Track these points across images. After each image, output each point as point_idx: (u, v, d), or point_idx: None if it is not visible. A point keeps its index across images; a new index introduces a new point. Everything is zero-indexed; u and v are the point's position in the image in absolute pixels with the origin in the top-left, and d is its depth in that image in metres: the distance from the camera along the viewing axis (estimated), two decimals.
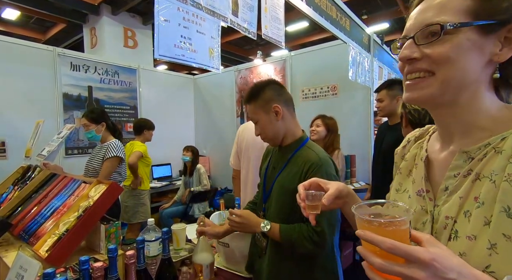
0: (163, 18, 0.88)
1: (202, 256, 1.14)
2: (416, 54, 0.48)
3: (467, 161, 0.48)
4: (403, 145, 0.68)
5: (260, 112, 1.08)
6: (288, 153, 1.10)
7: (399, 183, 0.63)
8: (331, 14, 1.88)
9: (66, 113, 2.93)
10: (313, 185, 0.65)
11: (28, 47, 2.78)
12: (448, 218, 0.47)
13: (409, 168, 0.62)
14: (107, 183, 1.25)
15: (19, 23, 7.12)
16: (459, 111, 0.49)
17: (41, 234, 1.18)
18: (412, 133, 0.68)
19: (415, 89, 0.49)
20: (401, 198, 0.61)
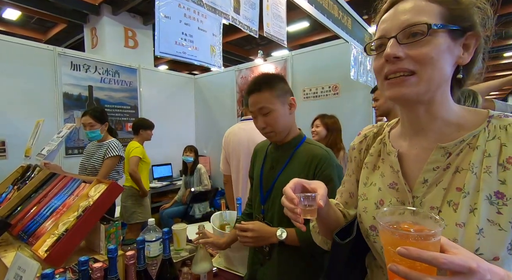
0: (163, 14, 0.87)
1: (201, 266, 1.13)
2: (401, 54, 0.50)
3: (444, 155, 0.52)
4: (359, 141, 0.71)
5: (276, 102, 0.99)
6: (289, 150, 1.06)
7: (366, 177, 0.65)
8: (333, 13, 1.87)
9: (66, 113, 2.92)
10: (297, 186, 0.62)
11: (29, 46, 2.77)
12: (434, 208, 0.51)
13: (373, 163, 0.65)
14: (107, 183, 1.24)
15: (20, 23, 7.12)
16: (435, 108, 0.53)
17: (40, 234, 1.16)
18: (367, 129, 0.71)
19: (402, 86, 0.51)
20: (369, 191, 0.63)
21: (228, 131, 1.84)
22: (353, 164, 0.72)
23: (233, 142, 1.76)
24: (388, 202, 0.58)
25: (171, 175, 4.10)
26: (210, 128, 4.27)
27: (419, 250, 0.37)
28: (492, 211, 0.46)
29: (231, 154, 1.78)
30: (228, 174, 1.87)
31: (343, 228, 0.65)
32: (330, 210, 0.66)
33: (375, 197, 0.61)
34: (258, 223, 1.06)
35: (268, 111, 1.00)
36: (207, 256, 1.18)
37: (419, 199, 0.54)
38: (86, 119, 2.15)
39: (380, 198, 0.60)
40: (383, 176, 0.61)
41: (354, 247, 0.63)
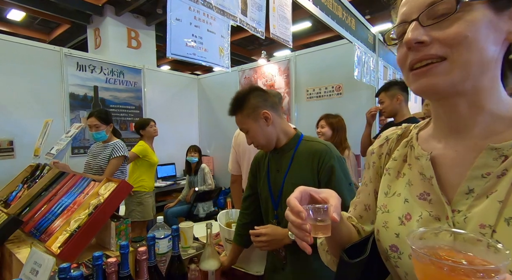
0: (175, 17, 0.89)
1: (209, 263, 1.16)
2: (425, 38, 0.41)
3: (498, 159, 0.41)
4: (379, 144, 0.61)
5: (249, 121, 1.06)
6: (289, 151, 1.09)
7: (387, 186, 0.55)
8: (337, 14, 1.89)
9: (72, 113, 2.95)
10: (304, 196, 0.51)
11: (35, 47, 2.80)
12: (484, 227, 0.39)
13: (397, 169, 0.54)
14: (116, 181, 1.27)
15: (24, 24, 7.19)
16: (481, 99, 0.43)
17: (52, 231, 1.19)
18: (389, 131, 0.60)
19: (429, 75, 0.42)
20: (392, 203, 0.52)
21: (238, 131, 1.85)
22: (371, 171, 0.61)
23: (244, 142, 1.77)
24: (417, 216, 0.46)
25: (175, 175, 4.13)
26: (213, 128, 4.30)
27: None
28: None
29: (241, 154, 1.79)
30: (236, 174, 1.88)
31: (354, 245, 0.55)
32: (342, 224, 0.55)
33: (400, 210, 0.50)
34: (271, 226, 1.08)
35: (246, 130, 1.08)
36: (215, 254, 1.21)
37: (462, 214, 0.42)
38: (92, 120, 2.20)
39: (407, 212, 0.48)
40: (411, 185, 0.50)
41: (367, 270, 0.52)
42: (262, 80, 3.61)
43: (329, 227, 0.46)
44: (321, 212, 0.46)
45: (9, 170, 2.29)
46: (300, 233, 0.46)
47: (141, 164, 2.74)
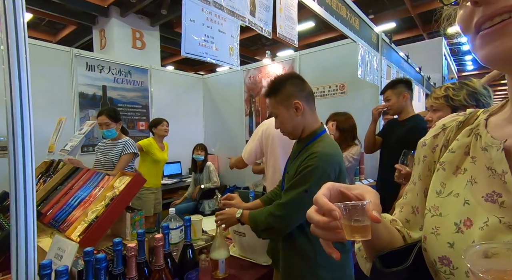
0: (189, 18, 0.95)
1: (219, 252, 1.22)
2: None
3: None
4: (433, 134, 0.50)
5: (280, 108, 1.09)
6: (302, 145, 1.14)
7: (441, 183, 0.45)
8: (342, 14, 1.93)
9: (82, 112, 3.03)
10: (333, 192, 0.42)
11: (46, 48, 2.89)
12: None
13: (455, 163, 0.44)
14: (131, 175, 1.33)
15: (31, 25, 7.32)
16: None
17: (70, 222, 1.26)
18: (447, 119, 0.50)
19: (505, 36, 0.31)
20: (446, 204, 0.43)
21: (267, 124, 1.81)
22: (421, 167, 0.51)
23: (273, 135, 1.72)
24: (481, 223, 0.37)
25: (181, 173, 4.20)
26: (218, 127, 4.36)
27: None
28: None
29: (269, 147, 1.78)
30: (251, 163, 1.90)
31: (394, 252, 0.45)
32: (381, 227, 0.46)
33: (457, 213, 0.40)
34: (231, 208, 1.23)
35: (276, 115, 1.12)
36: (224, 244, 1.26)
37: None
38: (103, 118, 2.28)
39: (467, 217, 0.39)
40: (474, 183, 0.40)
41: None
42: (267, 79, 3.66)
43: (368, 228, 0.38)
44: (358, 210, 0.38)
45: None
46: (332, 235, 0.39)
47: (145, 159, 2.83)
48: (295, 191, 1.03)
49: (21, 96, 0.63)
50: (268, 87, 1.13)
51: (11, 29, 0.61)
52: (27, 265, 0.62)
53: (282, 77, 1.13)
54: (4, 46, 0.62)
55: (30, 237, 0.63)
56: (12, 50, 0.62)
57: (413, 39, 7.37)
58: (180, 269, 1.11)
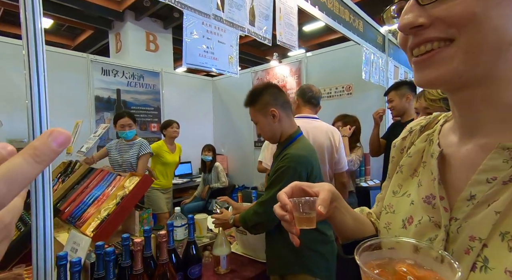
0: (189, 32, 1.02)
1: (220, 249, 1.29)
2: (422, 19, 0.34)
3: (509, 161, 0.34)
4: (402, 136, 0.55)
5: (259, 115, 1.21)
6: (280, 149, 1.24)
7: (398, 184, 0.50)
8: (344, 17, 1.96)
9: (97, 114, 3.19)
10: (295, 190, 0.50)
11: (64, 54, 3.06)
12: (474, 240, 0.35)
13: (413, 167, 0.48)
14: (139, 175, 1.43)
15: (52, 31, 7.69)
16: (498, 89, 0.35)
17: (85, 218, 1.37)
18: (415, 122, 0.54)
19: (430, 65, 0.36)
20: (399, 203, 0.48)
21: None
22: (390, 167, 0.56)
23: None
24: (417, 221, 0.43)
25: (191, 173, 4.32)
26: (228, 128, 4.45)
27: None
28: None
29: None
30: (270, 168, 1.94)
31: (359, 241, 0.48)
32: (346, 218, 0.52)
33: (405, 212, 0.46)
34: (225, 213, 1.34)
35: (255, 122, 1.24)
36: (226, 242, 1.34)
37: (458, 223, 0.37)
38: (126, 120, 2.42)
39: (410, 215, 0.45)
40: (420, 186, 0.45)
41: None
42: (274, 81, 3.71)
43: (313, 220, 0.46)
44: (308, 204, 0.46)
45: None
46: (286, 225, 0.47)
47: (156, 162, 2.95)
48: (272, 190, 1.15)
49: (39, 100, 0.71)
50: (247, 97, 1.24)
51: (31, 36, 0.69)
52: (45, 256, 0.71)
53: (259, 87, 1.23)
54: (25, 52, 0.70)
55: (47, 230, 0.72)
56: (32, 57, 0.69)
57: None
58: (184, 264, 1.19)
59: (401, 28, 0.36)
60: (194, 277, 1.22)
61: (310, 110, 1.84)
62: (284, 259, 1.19)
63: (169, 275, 1.03)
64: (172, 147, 3.06)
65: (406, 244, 0.34)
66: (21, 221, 1.46)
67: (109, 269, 0.89)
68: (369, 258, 0.31)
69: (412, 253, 0.32)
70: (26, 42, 0.70)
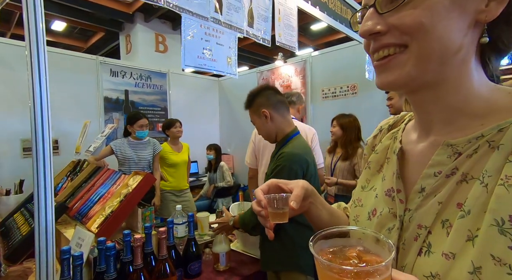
0: (188, 35, 1.05)
1: (220, 247, 1.33)
2: (380, 27, 0.38)
3: (452, 156, 0.38)
4: (374, 135, 0.58)
5: (254, 116, 1.30)
6: (277, 148, 1.28)
7: (366, 180, 0.54)
8: (346, 17, 1.95)
9: (106, 115, 3.28)
10: (271, 187, 0.53)
11: (75, 56, 3.16)
12: (421, 227, 0.39)
13: (380, 163, 0.52)
14: (142, 174, 1.47)
15: (65, 34, 7.92)
16: (444, 91, 0.39)
17: (91, 215, 1.42)
18: (385, 121, 0.58)
19: (387, 70, 0.39)
20: (366, 197, 0.52)
21: None
22: (362, 163, 0.60)
23: None
24: (379, 212, 0.46)
25: (197, 172, 4.38)
26: (234, 128, 4.48)
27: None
28: (501, 244, 0.31)
29: (261, 149, 1.91)
30: (254, 167, 1.99)
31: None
32: (322, 213, 0.56)
33: (371, 205, 0.50)
34: (226, 213, 1.37)
35: (253, 123, 1.31)
36: (225, 239, 1.37)
37: (411, 213, 0.41)
38: (145, 121, 2.57)
39: (374, 207, 0.48)
40: (383, 180, 0.49)
41: None
42: (279, 81, 3.72)
43: (285, 215, 0.49)
44: (282, 200, 0.49)
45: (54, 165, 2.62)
46: (261, 219, 0.51)
47: (162, 164, 2.94)
48: None
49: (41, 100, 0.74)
50: (245, 101, 1.33)
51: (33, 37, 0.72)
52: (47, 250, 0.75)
53: (254, 91, 1.31)
54: (27, 52, 0.73)
55: (49, 225, 0.75)
56: (34, 57, 0.72)
57: None
58: (184, 261, 1.23)
59: (362, 34, 0.40)
60: (194, 274, 1.25)
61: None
62: (277, 255, 1.22)
63: (168, 270, 1.06)
64: (177, 147, 3.02)
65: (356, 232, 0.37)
66: (32, 218, 1.53)
67: (110, 263, 0.93)
68: (324, 246, 0.34)
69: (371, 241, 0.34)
70: (28, 43, 0.74)
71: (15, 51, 2.56)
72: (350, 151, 2.25)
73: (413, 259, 0.39)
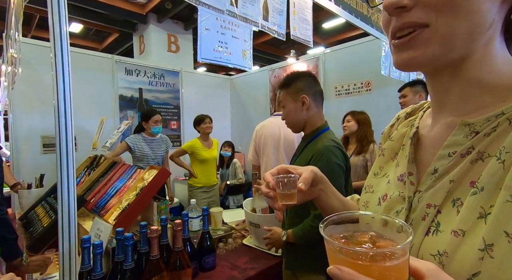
0: (204, 27, 1.05)
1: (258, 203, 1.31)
2: (406, 1, 0.35)
3: (468, 136, 0.37)
4: (391, 124, 0.57)
5: (289, 99, 1.19)
6: (305, 142, 1.20)
7: (380, 167, 0.53)
8: (362, 11, 1.91)
9: (121, 112, 3.35)
10: (281, 172, 0.53)
11: (92, 56, 3.24)
12: (430, 207, 0.38)
13: (395, 150, 0.51)
14: (157, 168, 1.49)
15: (81, 35, 8.16)
16: (468, 68, 0.37)
17: (108, 208, 1.45)
18: (403, 110, 0.57)
19: (409, 48, 0.37)
20: (377, 183, 0.51)
21: (260, 125, 1.99)
22: (378, 152, 0.58)
23: (265, 135, 1.90)
24: (389, 197, 0.46)
25: None
26: (245, 126, 4.48)
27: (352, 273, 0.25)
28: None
29: (262, 146, 1.92)
30: (256, 164, 2.01)
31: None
32: (333, 201, 0.56)
33: (382, 190, 0.49)
34: (273, 231, 1.27)
35: (283, 105, 1.20)
36: (263, 197, 1.35)
37: (420, 194, 0.40)
38: (159, 117, 2.62)
39: (385, 193, 0.47)
40: (397, 166, 0.47)
41: None
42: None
43: (294, 196, 0.49)
44: (291, 182, 0.49)
45: None
46: (270, 202, 0.51)
47: (194, 160, 2.94)
48: None
49: (65, 99, 0.76)
50: (282, 79, 1.23)
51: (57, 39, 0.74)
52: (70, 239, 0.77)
53: (296, 73, 1.22)
54: (52, 54, 0.76)
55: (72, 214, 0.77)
56: (58, 58, 0.75)
57: None
58: (198, 253, 1.23)
59: (386, 6, 0.37)
60: (208, 267, 1.26)
61: None
62: (303, 256, 1.15)
63: (183, 262, 1.07)
64: (207, 143, 2.98)
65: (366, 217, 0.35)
66: (52, 210, 1.58)
67: (128, 253, 0.94)
68: (334, 231, 0.33)
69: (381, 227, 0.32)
70: (53, 45, 0.76)
71: (37, 51, 2.65)
72: (364, 145, 2.23)
73: (420, 239, 0.37)
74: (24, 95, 2.55)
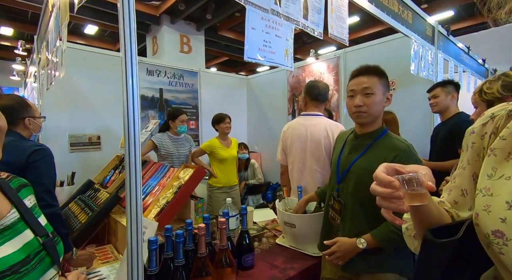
0: (251, 26, 1.06)
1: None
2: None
3: None
4: (482, 123, 0.54)
5: (381, 90, 1.13)
6: (369, 139, 1.16)
7: (493, 168, 0.49)
8: (393, 9, 1.88)
9: (143, 112, 3.40)
10: (389, 171, 0.49)
11: (115, 56, 3.29)
12: None
13: (507, 149, 0.48)
14: (193, 167, 1.50)
15: (96, 37, 8.32)
16: None
17: (144, 206, 1.47)
18: (497, 108, 0.53)
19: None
20: (499, 186, 0.47)
21: (288, 125, 1.97)
22: (470, 153, 0.55)
23: (292, 135, 1.89)
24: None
25: None
26: (261, 126, 4.48)
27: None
28: None
29: (289, 147, 1.91)
30: (284, 164, 2.00)
31: (444, 227, 0.50)
32: (432, 206, 0.52)
33: (508, 194, 0.45)
34: (337, 242, 1.14)
35: (371, 92, 1.12)
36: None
37: None
38: (185, 116, 2.68)
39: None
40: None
41: (460, 255, 0.48)
42: (310, 78, 3.67)
43: (425, 196, 0.45)
44: (414, 181, 0.44)
45: (97, 160, 2.76)
46: (391, 204, 0.46)
47: (213, 160, 2.91)
48: None
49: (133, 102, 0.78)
50: (372, 66, 1.15)
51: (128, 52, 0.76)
52: (137, 239, 0.78)
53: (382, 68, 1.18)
54: (122, 55, 0.78)
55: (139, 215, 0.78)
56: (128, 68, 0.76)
57: (476, 27, 6.62)
58: (238, 253, 1.24)
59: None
60: (248, 266, 1.26)
61: (315, 107, 1.89)
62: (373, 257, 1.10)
63: (229, 260, 1.07)
64: (226, 142, 2.95)
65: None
66: (89, 208, 1.61)
67: (179, 250, 0.95)
68: None
69: None
70: (124, 56, 0.78)
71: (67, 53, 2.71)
72: None
73: None
74: (53, 95, 2.61)
